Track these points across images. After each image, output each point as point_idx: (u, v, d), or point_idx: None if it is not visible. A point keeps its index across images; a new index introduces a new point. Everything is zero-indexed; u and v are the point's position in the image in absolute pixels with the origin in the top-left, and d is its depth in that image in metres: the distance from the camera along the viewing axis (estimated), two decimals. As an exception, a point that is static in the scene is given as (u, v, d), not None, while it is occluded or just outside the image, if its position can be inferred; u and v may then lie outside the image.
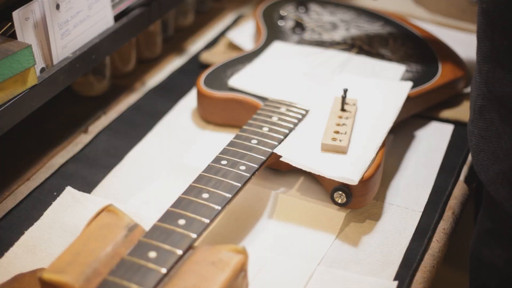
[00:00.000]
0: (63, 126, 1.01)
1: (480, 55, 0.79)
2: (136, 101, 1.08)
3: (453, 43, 1.16)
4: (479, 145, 0.82)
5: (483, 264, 0.89)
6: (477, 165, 0.83)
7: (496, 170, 0.80)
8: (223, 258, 0.68)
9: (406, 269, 0.79)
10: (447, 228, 0.86)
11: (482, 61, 0.79)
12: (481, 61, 0.79)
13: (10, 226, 0.84)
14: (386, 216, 0.87)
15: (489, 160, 0.81)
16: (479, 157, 0.82)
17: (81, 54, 0.93)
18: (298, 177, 0.92)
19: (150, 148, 0.98)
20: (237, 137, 0.88)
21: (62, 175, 0.92)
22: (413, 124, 1.04)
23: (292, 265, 0.79)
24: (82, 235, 0.70)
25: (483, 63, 0.79)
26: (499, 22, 0.75)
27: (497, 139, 0.79)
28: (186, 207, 0.74)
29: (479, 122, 0.81)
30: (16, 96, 0.83)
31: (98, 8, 0.96)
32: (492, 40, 0.77)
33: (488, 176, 0.81)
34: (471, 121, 0.84)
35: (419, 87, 1.02)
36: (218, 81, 1.03)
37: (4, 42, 0.82)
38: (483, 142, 0.81)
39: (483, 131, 0.81)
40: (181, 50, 1.23)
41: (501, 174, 0.79)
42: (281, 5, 1.25)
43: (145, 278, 0.65)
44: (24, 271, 0.76)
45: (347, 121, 0.91)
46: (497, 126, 0.79)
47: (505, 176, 0.79)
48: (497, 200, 0.82)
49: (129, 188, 0.90)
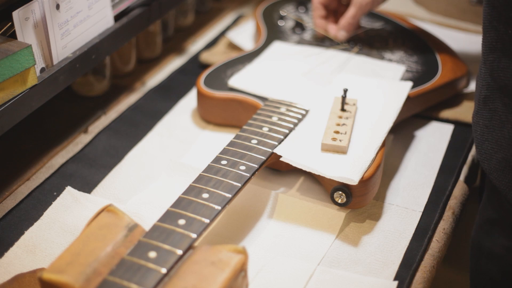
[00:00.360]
0: (63, 126, 1.01)
1: (486, 46, 0.80)
2: (136, 101, 1.08)
3: (453, 43, 1.16)
4: (483, 135, 0.83)
5: (484, 253, 0.89)
6: (480, 154, 0.84)
7: (499, 158, 0.81)
8: (223, 258, 0.68)
9: (406, 269, 0.79)
10: (447, 228, 0.86)
11: (488, 51, 0.80)
12: (486, 52, 0.80)
13: (10, 226, 0.84)
14: (386, 216, 0.87)
15: (492, 149, 0.81)
16: (483, 147, 0.83)
17: (81, 54, 0.93)
18: (298, 177, 0.92)
19: (150, 148, 0.98)
20: (237, 137, 0.88)
21: (62, 175, 0.92)
22: (413, 124, 1.04)
23: (292, 265, 0.79)
24: (82, 235, 0.70)
25: (488, 53, 0.80)
26: (504, 12, 0.76)
27: (500, 128, 0.80)
28: (186, 207, 0.74)
29: (484, 112, 0.82)
30: (16, 96, 0.83)
31: (98, 8, 0.96)
32: (497, 30, 0.77)
33: (491, 165, 0.82)
34: (475, 112, 0.85)
35: (419, 87, 1.02)
36: (218, 81, 1.03)
37: (4, 42, 0.82)
38: (487, 131, 0.82)
39: (487, 120, 0.82)
40: (181, 50, 1.23)
41: (504, 161, 0.80)
42: (281, 5, 1.25)
43: (145, 278, 0.65)
44: (24, 271, 0.76)
45: (347, 121, 0.91)
46: (500, 115, 0.80)
47: (507, 164, 0.80)
48: (499, 188, 0.82)
49: (129, 188, 0.90)
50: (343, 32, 1.11)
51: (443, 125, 1.04)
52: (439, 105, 1.06)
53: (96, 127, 1.02)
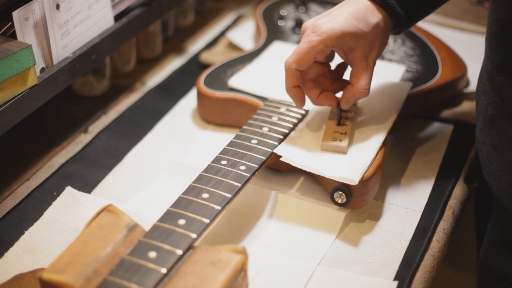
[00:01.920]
0: (63, 126, 1.01)
1: (493, 65, 0.77)
2: (136, 101, 1.08)
3: (453, 43, 1.16)
4: (491, 155, 0.79)
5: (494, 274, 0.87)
6: (488, 176, 0.80)
7: (510, 181, 0.77)
8: (223, 258, 0.68)
9: (406, 269, 0.79)
10: (447, 228, 0.86)
11: (495, 70, 0.76)
12: (493, 70, 0.77)
13: (10, 226, 0.84)
14: (386, 216, 0.87)
15: (502, 170, 0.78)
16: (491, 168, 0.79)
17: (81, 54, 0.93)
18: (298, 177, 0.92)
19: (150, 148, 0.98)
20: (237, 137, 0.88)
21: (62, 175, 0.92)
22: (413, 124, 1.04)
23: (292, 265, 0.79)
24: (82, 235, 0.70)
25: (496, 73, 0.76)
26: None
27: (511, 149, 0.77)
28: (186, 207, 0.74)
29: (491, 131, 0.79)
30: (16, 96, 0.83)
31: (98, 8, 0.96)
32: (508, 50, 0.74)
33: (501, 187, 0.79)
34: (480, 130, 0.81)
35: (419, 87, 1.02)
36: (218, 81, 1.03)
37: (4, 42, 0.82)
38: (495, 152, 0.78)
39: (495, 141, 0.78)
40: (181, 50, 1.23)
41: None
42: (281, 5, 1.25)
43: (145, 278, 0.65)
44: (24, 271, 0.76)
45: (347, 121, 0.91)
46: (510, 136, 0.76)
47: None
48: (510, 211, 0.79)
49: (129, 188, 0.90)
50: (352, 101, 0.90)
51: (443, 125, 1.04)
52: (439, 105, 1.06)
53: (96, 127, 1.02)
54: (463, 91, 1.08)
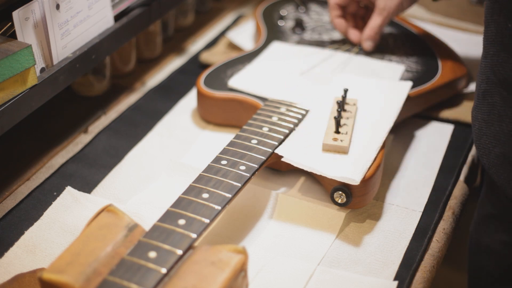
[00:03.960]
0: (63, 126, 1.01)
1: (486, 39, 0.80)
2: (136, 101, 1.08)
3: (453, 43, 1.16)
4: (481, 129, 0.82)
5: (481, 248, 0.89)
6: (479, 149, 0.84)
7: (497, 152, 0.80)
8: (223, 258, 0.68)
9: (406, 269, 0.79)
10: (447, 228, 0.86)
11: (488, 44, 0.79)
12: (487, 45, 0.80)
13: (10, 226, 0.84)
14: (386, 216, 0.87)
15: (491, 143, 0.81)
16: (481, 141, 0.83)
17: (81, 54, 0.93)
18: (298, 177, 0.92)
19: (150, 148, 0.98)
20: (237, 137, 0.88)
21: (62, 175, 0.92)
22: (413, 124, 1.04)
23: (292, 265, 0.79)
24: (82, 235, 0.70)
25: (489, 47, 0.79)
26: (505, 5, 0.75)
27: (499, 122, 0.80)
28: (186, 207, 0.74)
29: (482, 106, 0.82)
30: (16, 96, 0.83)
31: (98, 8, 0.96)
32: (498, 23, 0.77)
33: (489, 159, 0.82)
34: (474, 107, 0.84)
35: (419, 87, 1.02)
36: (218, 81, 1.03)
37: (4, 42, 0.82)
38: (485, 126, 0.82)
39: (485, 115, 0.81)
40: (181, 50, 1.23)
41: (502, 156, 0.80)
42: (281, 5, 1.25)
43: (145, 278, 0.65)
44: (24, 271, 0.76)
45: (348, 121, 0.91)
46: (499, 109, 0.79)
47: (506, 158, 0.80)
48: (497, 183, 0.82)
49: (129, 188, 0.90)
50: (369, 42, 1.08)
51: (443, 125, 1.04)
52: (439, 105, 1.06)
53: (96, 127, 1.02)
54: (463, 91, 1.08)
